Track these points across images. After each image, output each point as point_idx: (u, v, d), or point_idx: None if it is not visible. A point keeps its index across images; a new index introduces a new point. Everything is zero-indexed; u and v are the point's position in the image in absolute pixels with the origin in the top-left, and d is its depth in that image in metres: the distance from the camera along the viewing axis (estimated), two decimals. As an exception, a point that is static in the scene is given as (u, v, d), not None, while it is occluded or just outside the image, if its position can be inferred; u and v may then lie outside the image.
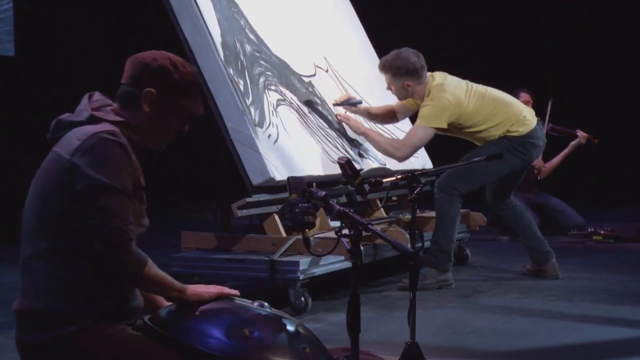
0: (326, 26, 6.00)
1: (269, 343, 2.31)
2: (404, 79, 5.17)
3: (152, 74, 2.39)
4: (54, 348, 2.24)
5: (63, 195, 2.24)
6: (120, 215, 2.21)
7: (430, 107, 5.11)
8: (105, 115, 2.35)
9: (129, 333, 2.31)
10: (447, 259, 5.16)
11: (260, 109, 4.81)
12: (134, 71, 2.41)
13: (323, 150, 5.16)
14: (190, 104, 2.43)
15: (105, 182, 2.21)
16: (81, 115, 2.36)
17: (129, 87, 2.41)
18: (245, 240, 4.72)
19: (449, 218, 5.15)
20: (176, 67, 2.41)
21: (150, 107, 2.39)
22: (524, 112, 5.29)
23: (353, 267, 2.34)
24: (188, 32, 4.73)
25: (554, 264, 5.44)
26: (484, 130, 5.21)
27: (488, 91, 5.29)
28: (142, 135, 2.41)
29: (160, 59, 2.41)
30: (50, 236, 2.26)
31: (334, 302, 4.76)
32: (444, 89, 5.14)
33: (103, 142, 2.25)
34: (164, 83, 2.39)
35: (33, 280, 2.28)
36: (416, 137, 5.17)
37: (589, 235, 7.16)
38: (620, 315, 4.43)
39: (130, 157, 2.29)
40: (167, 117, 2.41)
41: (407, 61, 5.14)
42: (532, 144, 5.26)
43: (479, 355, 3.65)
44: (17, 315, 2.31)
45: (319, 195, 2.53)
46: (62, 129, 2.37)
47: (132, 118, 2.38)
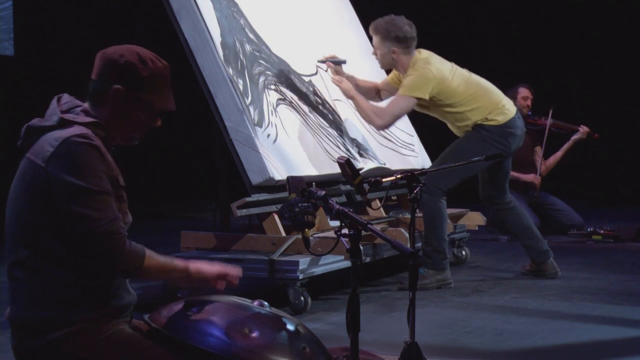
0: (326, 26, 6.00)
1: (268, 342, 2.31)
2: (392, 44, 5.18)
3: (119, 70, 2.36)
4: (49, 353, 2.23)
5: (42, 203, 2.23)
6: (106, 218, 2.20)
7: (413, 76, 5.12)
8: (76, 118, 2.32)
9: (126, 333, 2.30)
10: (443, 257, 5.17)
11: (260, 108, 4.82)
12: (102, 67, 2.39)
13: (323, 150, 5.16)
14: (159, 99, 2.40)
15: (85, 186, 2.20)
16: (51, 119, 2.33)
17: (98, 83, 2.38)
18: (244, 240, 4.72)
19: (436, 217, 5.16)
20: (144, 63, 2.38)
21: (118, 104, 2.36)
22: (503, 101, 5.29)
23: (352, 267, 2.34)
24: (187, 32, 4.73)
25: (552, 262, 5.44)
26: (462, 112, 5.20)
27: (472, 75, 5.32)
28: (113, 132, 2.38)
29: (128, 54, 2.38)
30: (31, 244, 2.25)
31: (333, 301, 4.76)
32: (428, 61, 5.16)
33: (76, 146, 2.22)
34: (131, 79, 2.36)
35: (19, 289, 2.28)
36: (397, 106, 5.18)
37: (588, 235, 7.15)
38: (619, 315, 4.43)
39: (105, 157, 2.27)
40: (136, 113, 2.38)
41: (399, 28, 5.17)
42: (509, 133, 5.24)
43: (478, 354, 3.65)
44: (10, 323, 2.31)
45: (318, 195, 2.53)
46: (32, 134, 2.35)
47: (102, 115, 2.36)
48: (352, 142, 5.50)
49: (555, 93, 8.89)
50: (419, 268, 5.02)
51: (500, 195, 5.48)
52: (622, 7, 9.72)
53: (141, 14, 9.65)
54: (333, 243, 2.57)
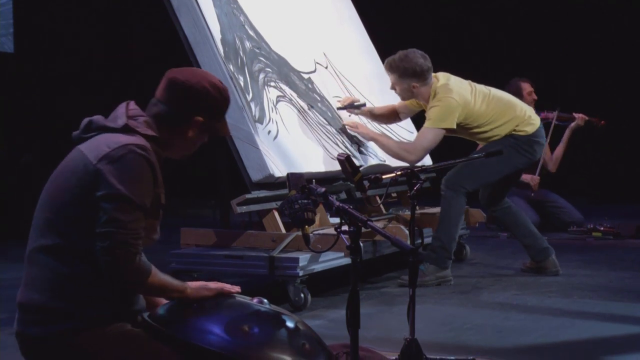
0: (326, 23, 6.00)
1: (268, 339, 2.32)
2: (410, 81, 5.16)
3: (203, 102, 2.42)
4: (53, 343, 2.25)
5: (82, 198, 2.25)
6: (130, 229, 2.23)
7: (438, 107, 5.10)
8: (139, 127, 2.36)
9: (128, 330, 2.31)
10: (447, 256, 5.17)
11: (260, 105, 4.82)
12: (180, 95, 2.42)
13: (323, 147, 5.16)
14: (223, 126, 2.51)
15: (125, 194, 2.23)
16: (116, 122, 2.37)
17: (172, 110, 2.41)
18: (244, 237, 4.72)
19: (453, 216, 5.16)
20: (220, 92, 2.45)
21: (194, 132, 2.43)
22: (528, 112, 5.31)
23: (352, 264, 2.34)
24: (187, 29, 4.73)
25: (553, 260, 5.44)
26: (489, 130, 5.22)
27: (491, 91, 5.31)
28: (171, 150, 2.44)
29: (206, 83, 2.44)
30: (61, 233, 2.27)
31: (333, 298, 4.76)
32: (449, 88, 5.13)
33: (132, 155, 2.26)
34: (210, 111, 2.43)
35: (37, 274, 2.29)
36: (426, 139, 5.15)
37: (588, 232, 7.15)
38: (619, 312, 4.43)
39: (156, 173, 2.32)
40: (202, 138, 2.48)
41: (415, 63, 5.13)
42: (537, 142, 5.28)
43: (478, 351, 3.65)
44: (19, 306, 2.32)
45: (318, 192, 2.53)
46: (92, 130, 2.38)
47: (166, 135, 2.40)
48: (351, 139, 5.50)
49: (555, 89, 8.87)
50: (419, 265, 5.05)
51: (499, 200, 5.51)
52: (622, 7, 9.71)
53: (141, 13, 9.64)
54: (333, 240, 2.57)
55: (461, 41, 10.22)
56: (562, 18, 9.98)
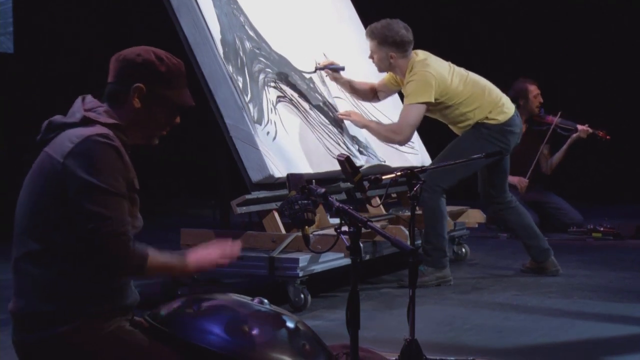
0: (326, 23, 6.00)
1: (268, 340, 2.32)
2: (389, 49, 5.16)
3: (138, 68, 2.39)
4: (51, 347, 2.24)
5: (55, 198, 2.24)
6: (115, 218, 2.22)
7: (414, 82, 5.10)
8: (98, 117, 2.34)
9: (127, 330, 2.31)
10: (442, 255, 5.17)
11: (259, 106, 4.81)
12: (120, 68, 2.42)
13: (323, 147, 5.16)
14: (178, 95, 2.44)
15: (99, 185, 2.21)
16: (74, 116, 2.35)
17: (116, 85, 2.41)
18: (244, 237, 4.72)
19: (436, 215, 5.15)
20: (161, 60, 2.41)
21: (140, 102, 2.39)
22: (502, 100, 5.29)
23: (352, 264, 2.34)
24: (187, 29, 4.72)
25: (553, 260, 5.44)
26: (463, 113, 5.20)
27: (470, 74, 5.30)
28: (134, 133, 2.41)
29: (144, 53, 2.42)
30: (41, 238, 2.26)
31: (333, 299, 4.76)
32: (427, 63, 5.14)
33: (96, 145, 2.24)
34: (151, 76, 2.39)
35: (25, 282, 2.28)
36: (410, 116, 5.13)
37: (588, 233, 7.15)
38: (619, 312, 4.43)
39: (124, 159, 2.29)
40: (157, 110, 2.42)
41: (396, 32, 5.13)
42: (509, 131, 5.25)
43: (478, 352, 3.65)
44: (12, 316, 2.32)
45: (318, 192, 2.53)
46: (53, 130, 2.36)
47: (123, 116, 2.38)
48: (352, 140, 5.50)
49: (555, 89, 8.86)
50: (419, 265, 5.05)
51: (499, 194, 5.47)
52: (622, 7, 9.71)
53: (141, 13, 9.64)
54: (333, 240, 2.57)
55: (461, 41, 10.21)
56: (562, 18, 9.98)
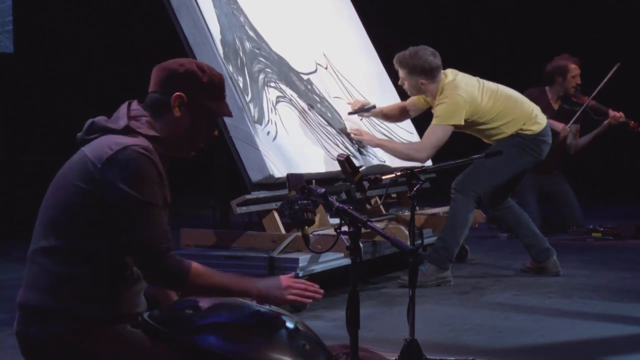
0: (326, 23, 6.00)
1: (268, 340, 2.32)
2: (419, 77, 5.18)
3: (180, 78, 2.41)
4: (53, 343, 2.25)
5: (88, 201, 2.25)
6: (151, 230, 2.25)
7: (444, 104, 5.12)
8: (141, 128, 2.35)
9: (129, 331, 2.31)
10: (449, 258, 5.17)
11: (260, 106, 4.81)
12: (162, 78, 2.43)
13: (323, 147, 5.16)
14: (218, 106, 2.47)
15: (137, 197, 2.23)
16: (117, 123, 2.36)
17: (158, 94, 2.42)
18: (244, 237, 4.72)
19: (461, 219, 5.16)
20: (203, 71, 2.43)
21: (180, 111, 2.40)
22: (535, 111, 5.32)
23: (352, 264, 2.34)
24: (187, 29, 4.72)
25: (554, 261, 5.44)
26: (496, 127, 5.22)
27: (500, 88, 5.31)
28: (173, 145, 2.42)
29: (187, 63, 2.44)
30: (64, 234, 2.27)
31: (333, 299, 4.75)
32: (456, 85, 5.15)
33: (135, 156, 2.25)
34: (192, 86, 2.41)
35: (38, 274, 2.29)
36: (435, 136, 5.15)
37: (588, 232, 7.14)
38: (619, 313, 4.43)
39: (161, 174, 2.31)
40: (197, 121, 2.43)
41: (424, 60, 5.15)
42: (542, 141, 5.29)
43: (478, 352, 3.64)
44: (19, 307, 2.32)
45: (318, 192, 2.53)
46: (94, 131, 2.37)
47: (164, 126, 2.39)
48: (351, 140, 5.49)
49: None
50: (419, 265, 5.05)
51: (501, 199, 5.50)
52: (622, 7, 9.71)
53: (141, 13, 9.64)
54: (333, 240, 2.57)
55: (461, 41, 10.21)
56: (562, 18, 9.98)
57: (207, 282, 2.33)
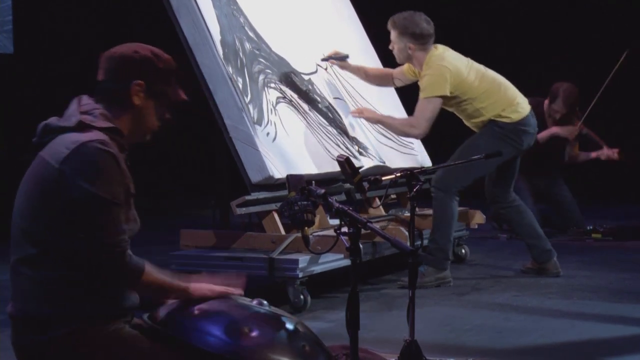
0: (325, 24, 5.99)
1: (268, 341, 2.32)
2: (408, 41, 5.19)
3: (137, 65, 2.37)
4: (50, 349, 2.23)
5: (51, 204, 2.23)
6: (111, 229, 2.21)
7: (429, 76, 5.12)
8: (94, 121, 2.31)
9: (127, 331, 2.31)
10: (445, 257, 5.16)
11: (259, 107, 4.81)
12: (115, 65, 2.38)
13: (323, 148, 5.16)
14: (174, 91, 2.43)
15: (97, 194, 2.20)
16: (70, 120, 2.32)
17: (112, 83, 2.38)
18: (244, 238, 4.72)
19: (447, 216, 5.15)
20: (158, 57, 2.40)
21: (140, 99, 2.37)
22: (517, 99, 5.28)
23: (352, 265, 2.34)
24: (187, 30, 4.72)
25: (555, 262, 5.44)
26: (477, 108, 5.20)
27: (487, 71, 5.31)
28: (131, 132, 2.39)
29: (141, 50, 2.40)
30: (37, 242, 2.25)
31: (333, 299, 4.76)
32: (443, 57, 5.16)
33: (93, 152, 2.22)
34: (150, 73, 2.37)
35: (22, 285, 2.28)
36: (426, 109, 5.13)
37: (588, 233, 7.14)
38: (619, 313, 4.43)
39: (120, 165, 2.27)
40: (155, 107, 2.40)
41: (416, 24, 5.16)
42: (523, 131, 5.25)
43: (478, 352, 3.65)
44: (10, 318, 2.31)
45: (318, 193, 2.53)
46: (49, 133, 2.33)
47: (120, 115, 2.36)
48: (351, 141, 5.49)
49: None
50: (419, 266, 5.05)
51: (503, 194, 5.47)
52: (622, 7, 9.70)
53: (141, 13, 9.63)
54: (333, 241, 2.57)
55: (461, 41, 10.20)
56: (562, 18, 9.97)
57: (157, 279, 2.32)
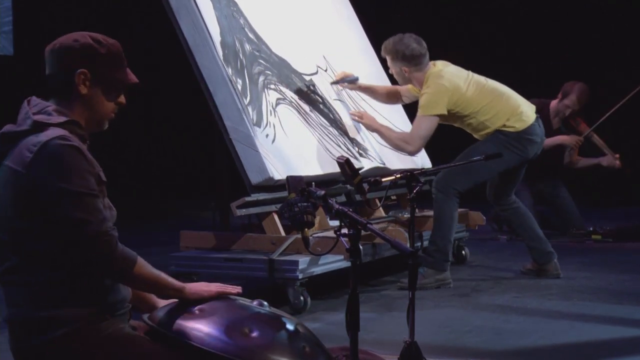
0: (325, 25, 6.00)
1: (268, 342, 2.31)
2: (402, 64, 5.23)
3: (79, 54, 2.35)
4: (48, 353, 2.23)
5: (25, 209, 2.22)
6: (95, 220, 2.20)
7: (427, 95, 5.15)
8: (49, 119, 2.29)
9: (126, 332, 2.30)
10: (445, 259, 5.17)
11: (258, 108, 4.81)
12: (58, 58, 2.37)
13: (323, 149, 5.16)
14: (122, 74, 2.41)
15: (71, 189, 2.19)
16: (25, 123, 2.30)
17: (58, 75, 2.37)
18: (244, 240, 4.72)
19: (447, 218, 5.15)
20: (99, 42, 2.37)
21: (87, 87, 2.35)
22: (521, 107, 5.28)
23: (352, 266, 2.33)
24: (187, 31, 4.72)
25: (555, 263, 5.44)
26: (482, 121, 5.21)
27: (488, 82, 5.31)
28: (87, 122, 2.37)
29: (80, 38, 2.38)
30: (19, 250, 2.24)
31: (333, 301, 4.76)
32: (441, 75, 5.17)
33: (56, 149, 2.21)
34: (92, 60, 2.35)
35: (13, 292, 2.27)
36: (421, 127, 5.18)
37: (588, 235, 7.14)
38: (618, 315, 4.43)
39: (86, 156, 2.26)
40: (106, 94, 2.38)
41: (406, 46, 5.18)
42: (528, 140, 5.25)
43: (478, 354, 3.65)
44: (8, 323, 2.31)
45: (318, 194, 2.53)
46: (9, 141, 2.31)
47: (72, 107, 2.34)
48: (352, 142, 5.49)
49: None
50: (419, 267, 5.05)
51: (504, 196, 5.49)
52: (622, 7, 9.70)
53: (141, 13, 9.64)
54: (332, 242, 2.57)
55: (461, 41, 10.21)
56: (562, 18, 9.98)
57: (152, 273, 2.31)
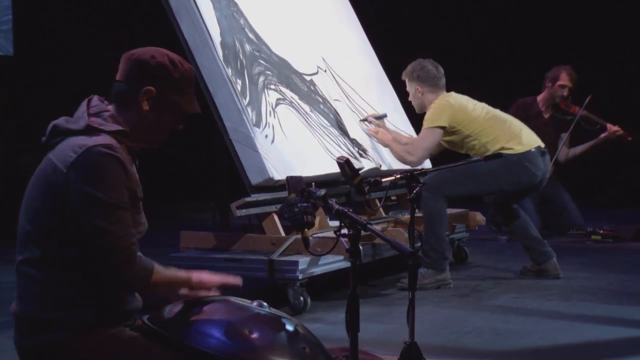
0: (325, 26, 6.00)
1: (268, 343, 2.31)
2: (416, 84, 5.39)
3: (151, 71, 2.35)
4: (52, 351, 2.24)
5: (57, 208, 2.23)
6: (119, 232, 2.21)
7: (431, 109, 5.31)
8: (103, 125, 2.31)
9: (127, 334, 2.31)
10: (442, 257, 5.17)
11: (258, 109, 4.81)
12: (131, 68, 2.37)
13: (323, 149, 5.16)
14: (187, 102, 2.41)
15: (102, 198, 2.20)
16: (78, 123, 2.32)
17: (126, 85, 2.37)
18: (244, 240, 4.72)
19: (436, 217, 5.17)
20: (175, 65, 2.38)
21: (148, 105, 2.35)
22: (522, 132, 5.36)
23: (352, 267, 2.34)
24: (187, 31, 4.72)
25: (554, 263, 5.44)
26: (483, 143, 5.26)
27: (492, 109, 5.44)
28: (139, 137, 2.38)
29: (158, 56, 2.38)
30: (43, 244, 2.25)
31: (333, 301, 4.76)
32: (449, 95, 5.36)
33: (99, 157, 2.21)
34: (163, 81, 2.35)
35: (27, 286, 2.28)
36: (425, 139, 5.32)
37: (587, 235, 7.14)
38: (618, 315, 4.43)
39: (127, 170, 2.27)
40: (163, 115, 2.38)
41: (422, 67, 5.38)
42: (525, 167, 5.24)
43: (478, 354, 3.65)
44: (14, 317, 2.31)
45: (318, 195, 2.53)
46: (57, 134, 2.33)
47: (129, 119, 2.35)
48: (352, 142, 5.49)
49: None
50: (419, 268, 5.04)
51: (507, 207, 5.54)
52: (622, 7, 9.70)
53: (141, 13, 9.64)
54: (332, 243, 2.57)
55: (461, 41, 10.21)
56: (562, 18, 9.98)
57: (165, 277, 2.33)
